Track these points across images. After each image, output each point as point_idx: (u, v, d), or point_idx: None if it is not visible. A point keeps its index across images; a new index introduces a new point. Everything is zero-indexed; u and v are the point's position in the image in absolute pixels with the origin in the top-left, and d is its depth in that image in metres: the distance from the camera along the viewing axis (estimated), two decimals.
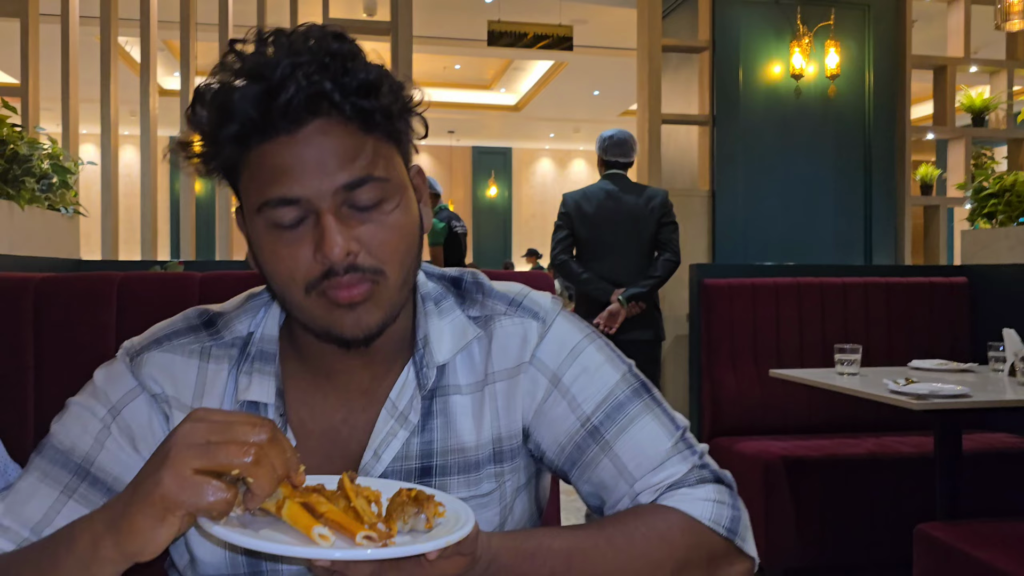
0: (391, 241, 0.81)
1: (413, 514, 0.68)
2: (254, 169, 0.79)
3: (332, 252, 0.76)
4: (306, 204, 0.78)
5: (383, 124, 0.81)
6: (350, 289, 0.79)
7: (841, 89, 5.07)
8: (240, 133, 0.77)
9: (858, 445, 3.22)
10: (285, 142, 0.77)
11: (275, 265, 0.80)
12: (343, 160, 0.78)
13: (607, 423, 0.90)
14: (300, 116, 0.76)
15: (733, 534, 0.88)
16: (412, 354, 0.90)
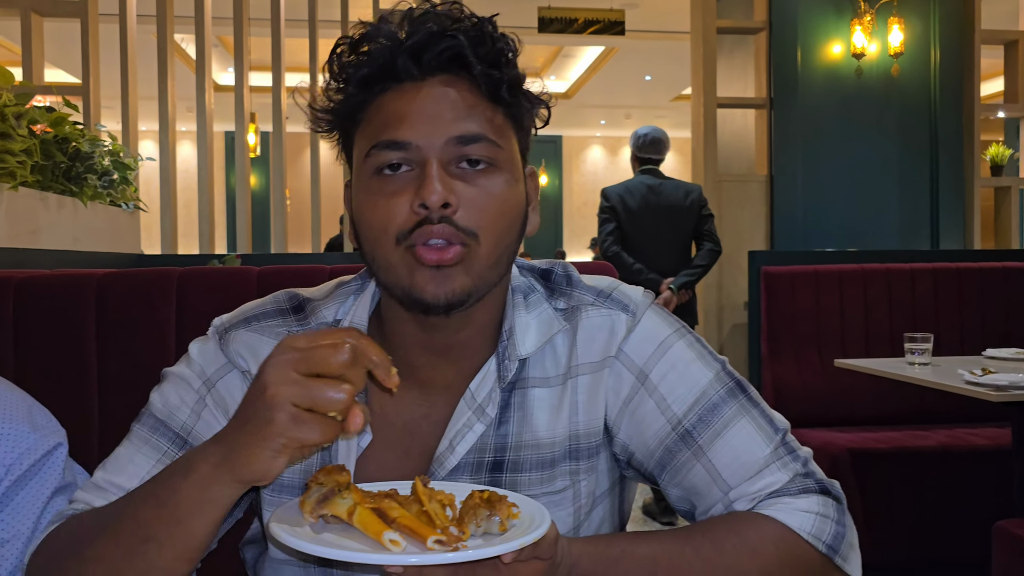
0: (492, 208, 0.80)
1: (486, 516, 0.66)
2: (372, 116, 0.81)
3: (431, 196, 0.76)
4: (414, 151, 0.78)
5: (507, 98, 0.81)
6: (440, 252, 0.77)
7: (905, 68, 4.88)
8: (369, 75, 0.80)
9: (928, 437, 3.10)
10: (408, 89, 0.79)
11: (371, 214, 0.80)
12: (460, 113, 0.79)
13: (700, 427, 0.85)
14: (429, 67, 0.79)
15: (833, 552, 0.81)
16: (496, 347, 0.88)
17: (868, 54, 4.83)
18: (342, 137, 0.87)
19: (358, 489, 0.68)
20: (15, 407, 0.83)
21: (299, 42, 5.57)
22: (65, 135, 2.22)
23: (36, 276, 1.14)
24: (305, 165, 10.58)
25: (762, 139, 4.94)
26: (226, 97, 7.67)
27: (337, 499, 0.67)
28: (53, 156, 2.17)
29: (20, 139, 1.91)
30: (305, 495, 0.69)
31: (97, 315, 1.12)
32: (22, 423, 0.82)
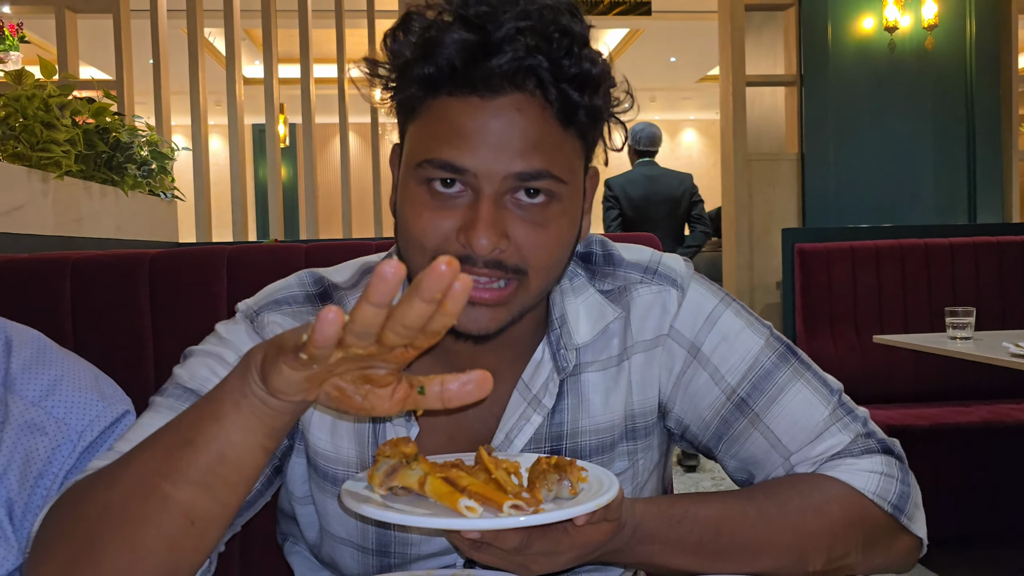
0: (546, 247, 0.74)
1: (556, 481, 0.67)
2: (432, 120, 0.74)
3: (478, 242, 0.70)
4: (470, 178, 0.72)
5: (583, 123, 0.74)
6: (482, 290, 0.73)
7: (939, 41, 4.79)
8: (433, 77, 0.72)
9: (970, 413, 3.06)
10: (475, 104, 0.71)
11: (412, 224, 0.75)
12: (528, 145, 0.71)
13: (755, 394, 0.84)
14: (501, 84, 0.71)
15: (899, 511, 0.81)
16: (545, 335, 0.85)
17: (901, 27, 4.74)
18: (397, 109, 0.80)
19: (426, 459, 0.69)
20: (82, 376, 0.85)
21: (326, 33, 5.60)
22: (106, 125, 2.25)
23: (92, 256, 1.17)
24: (332, 156, 10.63)
25: (792, 117, 4.87)
26: (252, 90, 7.73)
27: (406, 470, 0.68)
28: (95, 146, 2.20)
29: (64, 129, 1.95)
30: (373, 468, 0.69)
31: (151, 292, 1.14)
32: (91, 391, 0.84)
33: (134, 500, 0.62)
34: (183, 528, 0.62)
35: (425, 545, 0.85)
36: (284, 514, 0.97)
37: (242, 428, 0.61)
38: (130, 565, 0.62)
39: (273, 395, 0.59)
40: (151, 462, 0.64)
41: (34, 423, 0.80)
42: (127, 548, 0.62)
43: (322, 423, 0.85)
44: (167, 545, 0.62)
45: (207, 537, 0.64)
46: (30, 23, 5.41)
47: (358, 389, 0.58)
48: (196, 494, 0.62)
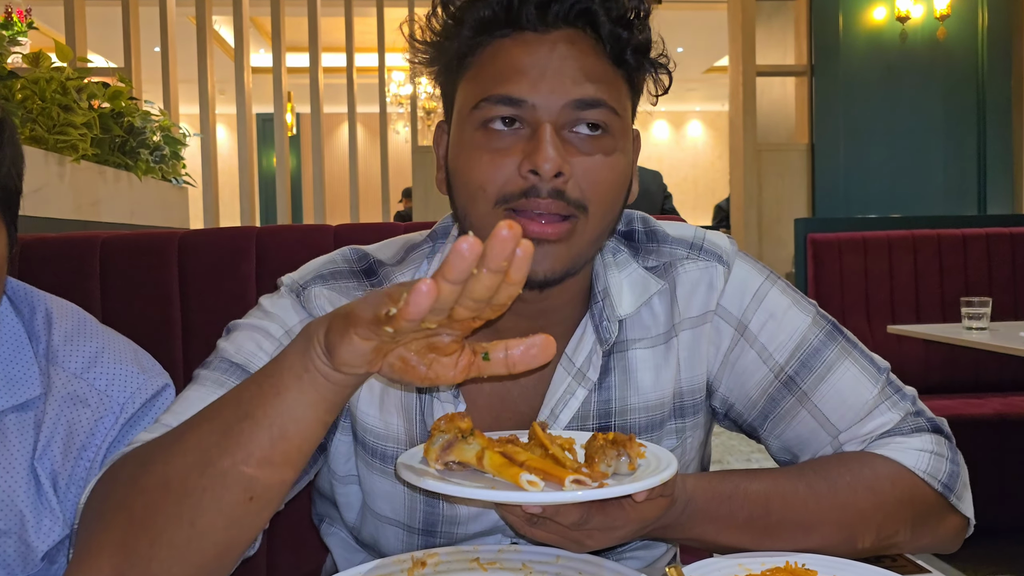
0: (604, 180, 0.75)
1: (615, 456, 0.66)
2: (485, 63, 0.76)
3: (543, 164, 0.71)
4: (529, 111, 0.73)
5: (632, 63, 0.76)
6: (545, 225, 0.73)
7: (951, 31, 4.76)
8: (489, 19, 0.74)
9: (983, 405, 3.05)
10: (529, 40, 0.74)
11: (472, 170, 0.75)
12: (583, 75, 0.74)
13: (803, 372, 0.83)
14: (555, 20, 0.74)
15: (949, 490, 0.81)
16: (589, 308, 0.85)
17: (912, 18, 4.72)
18: (442, 75, 0.81)
19: (482, 434, 0.68)
20: (123, 349, 0.85)
21: (334, 21, 5.58)
22: (121, 109, 2.25)
23: (121, 235, 1.17)
24: (337, 145, 10.61)
25: (802, 107, 4.86)
26: (259, 79, 7.71)
27: (462, 444, 0.67)
28: (111, 129, 2.20)
29: (81, 112, 1.94)
30: (428, 442, 0.69)
31: (180, 271, 1.13)
32: (131, 364, 0.83)
33: (193, 474, 0.62)
34: (242, 504, 0.62)
35: (473, 524, 0.84)
36: (322, 495, 0.97)
37: (304, 403, 0.60)
38: (188, 540, 0.62)
39: (337, 368, 0.58)
40: (210, 437, 0.62)
41: (77, 395, 0.80)
42: (186, 523, 0.61)
43: (370, 400, 0.84)
44: (226, 521, 0.62)
45: (263, 514, 0.64)
46: (37, 11, 5.39)
47: (423, 359, 0.57)
48: (257, 469, 0.61)
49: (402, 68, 7.93)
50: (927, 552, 0.82)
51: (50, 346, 0.81)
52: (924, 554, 0.82)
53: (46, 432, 0.77)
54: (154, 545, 0.62)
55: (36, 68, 1.92)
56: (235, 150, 5.03)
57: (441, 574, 0.72)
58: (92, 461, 0.79)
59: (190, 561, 0.62)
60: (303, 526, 1.07)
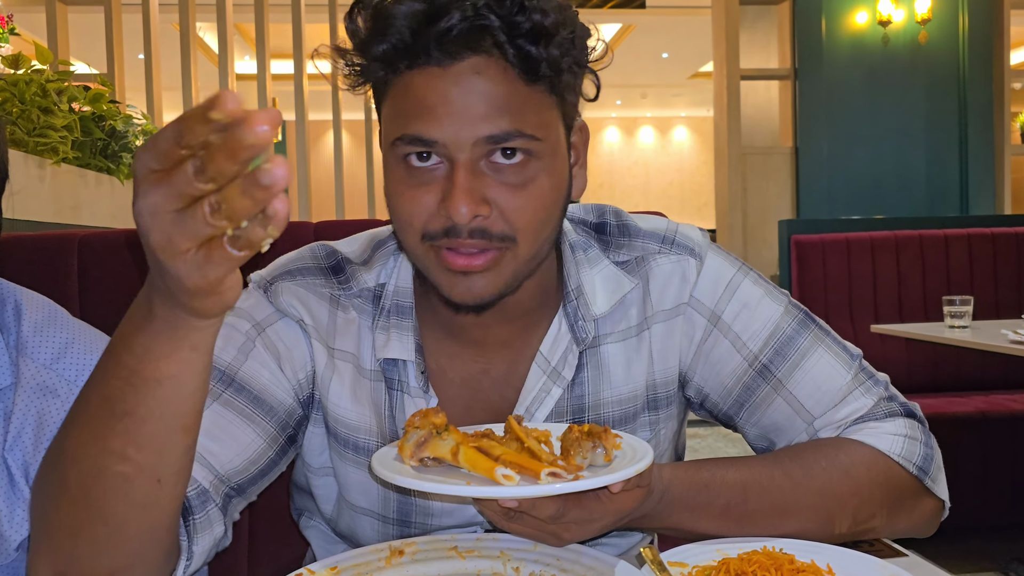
0: (529, 208, 0.73)
1: (590, 448, 0.66)
2: (397, 97, 0.74)
3: (457, 212, 0.70)
4: (442, 149, 0.71)
5: (548, 76, 0.73)
6: (469, 258, 0.72)
7: (933, 35, 4.82)
8: (390, 54, 0.72)
9: (966, 403, 3.07)
10: (435, 74, 0.71)
11: (397, 204, 0.75)
12: (493, 108, 0.70)
13: (777, 360, 0.84)
14: (457, 49, 0.70)
15: (924, 473, 0.81)
16: (561, 306, 0.84)
17: (894, 22, 4.77)
18: (373, 93, 0.79)
19: (457, 430, 0.68)
20: (93, 341, 0.85)
21: (319, 28, 5.58)
22: (102, 112, 2.24)
23: (99, 233, 1.16)
24: (323, 152, 10.60)
25: (786, 111, 4.90)
26: (243, 86, 7.69)
27: (437, 440, 0.67)
28: (92, 132, 2.19)
29: (62, 115, 1.93)
30: (403, 439, 0.69)
31: None
32: (101, 354, 0.83)
33: (90, 480, 0.59)
34: (152, 488, 0.60)
35: (446, 517, 0.84)
36: (299, 488, 0.96)
37: (193, 376, 0.55)
38: (107, 536, 0.61)
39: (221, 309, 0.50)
40: (94, 443, 0.58)
41: (46, 385, 0.79)
42: (99, 522, 0.60)
43: (341, 392, 0.84)
44: (139, 510, 0.60)
45: (177, 487, 0.62)
46: (19, 18, 5.38)
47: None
48: (155, 456, 0.58)
49: None
50: (904, 536, 0.83)
51: (20, 337, 0.81)
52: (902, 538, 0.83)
53: (16, 423, 0.77)
54: (77, 545, 0.62)
55: (16, 71, 1.91)
56: None
57: (419, 562, 0.72)
58: None
59: (115, 551, 0.62)
60: (284, 519, 1.06)
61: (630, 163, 13.68)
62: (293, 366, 0.83)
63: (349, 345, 0.85)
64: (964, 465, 2.90)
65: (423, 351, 0.84)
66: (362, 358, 0.84)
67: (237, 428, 0.77)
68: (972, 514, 2.94)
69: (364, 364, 0.84)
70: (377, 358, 0.83)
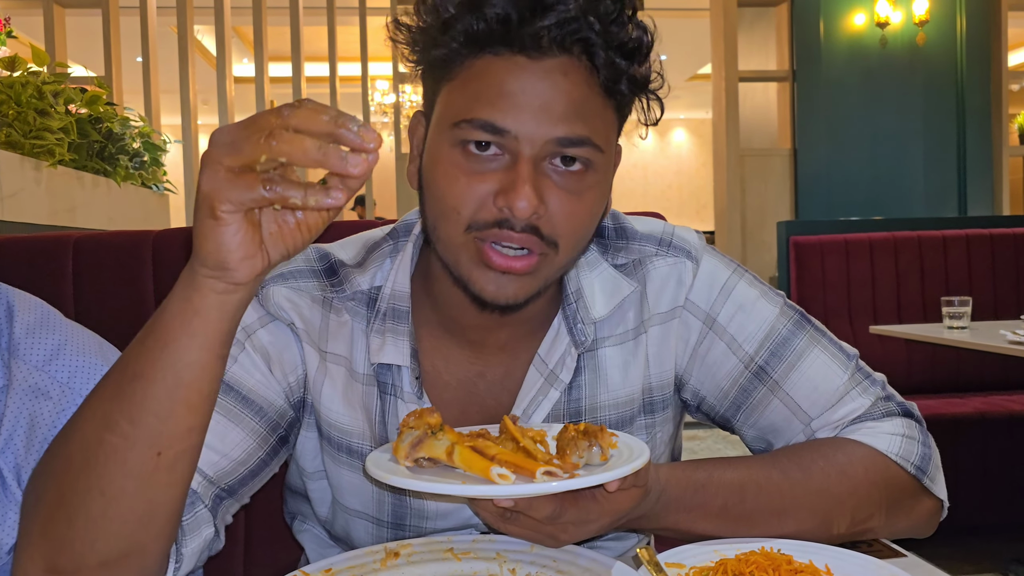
0: (579, 216, 0.73)
1: (586, 448, 0.65)
2: (472, 79, 0.71)
3: (518, 204, 0.68)
4: (511, 141, 0.70)
5: (626, 92, 0.73)
6: (511, 260, 0.71)
7: (930, 36, 4.82)
8: (482, 32, 0.70)
9: (964, 404, 3.07)
10: (521, 64, 0.70)
11: (446, 190, 0.72)
12: (571, 111, 0.70)
13: (773, 361, 0.84)
14: (551, 46, 0.69)
15: (922, 472, 0.81)
16: (561, 309, 0.84)
17: (892, 23, 4.77)
18: (425, 73, 0.78)
19: (452, 430, 0.68)
20: (86, 342, 0.84)
21: (317, 30, 5.58)
22: (99, 115, 2.23)
23: (94, 235, 1.16)
24: None
25: (785, 112, 4.90)
26: (242, 89, 7.69)
27: (432, 440, 0.66)
28: (88, 135, 2.18)
29: (58, 117, 1.92)
30: (398, 440, 0.68)
31: (155, 271, 1.12)
32: (94, 356, 0.82)
33: (93, 443, 0.61)
34: (151, 461, 0.61)
35: (441, 519, 0.84)
36: (293, 492, 0.96)
37: (198, 348, 0.59)
38: (103, 510, 0.61)
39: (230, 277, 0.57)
40: (103, 404, 0.61)
41: (38, 387, 0.79)
42: (96, 492, 0.61)
43: (333, 395, 0.84)
44: (137, 482, 0.61)
45: (177, 468, 0.62)
46: (17, 21, 5.37)
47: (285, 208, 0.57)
48: (158, 425, 0.60)
49: (386, 77, 7.92)
50: (903, 536, 0.82)
51: (11, 339, 0.80)
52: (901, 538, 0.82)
53: (8, 425, 0.76)
54: (72, 524, 0.61)
55: (12, 73, 1.91)
56: None
57: (415, 564, 0.71)
58: None
59: (111, 531, 0.61)
60: (279, 523, 1.06)
61: (629, 165, 13.67)
62: (283, 369, 0.83)
63: (341, 348, 0.84)
64: (963, 466, 2.90)
65: (418, 353, 0.83)
66: (354, 361, 0.84)
67: (226, 428, 0.76)
68: (971, 515, 2.93)
69: (356, 368, 0.84)
70: (371, 362, 0.82)
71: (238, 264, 0.56)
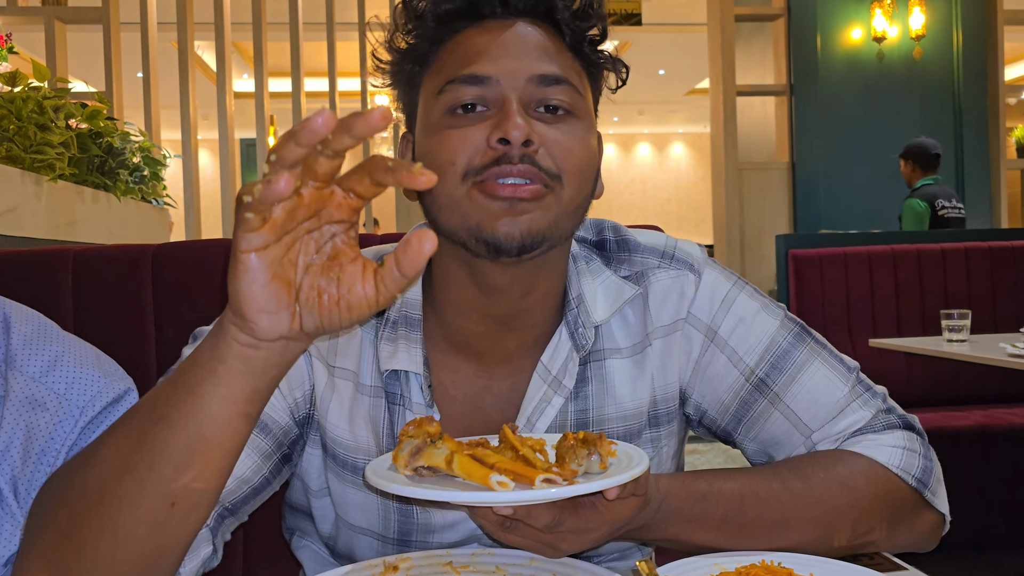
0: (576, 150, 0.76)
1: (585, 455, 0.65)
2: (448, 53, 0.78)
3: (512, 131, 0.71)
4: (494, 87, 0.74)
5: (588, 52, 0.79)
6: (516, 187, 0.72)
7: (927, 50, 4.85)
8: (452, 10, 0.77)
9: (965, 417, 3.06)
10: (490, 27, 0.77)
11: (439, 148, 0.74)
12: (545, 54, 0.76)
13: (774, 374, 0.84)
14: (515, 11, 0.77)
15: (923, 485, 0.81)
16: (563, 316, 0.84)
17: (889, 38, 4.80)
18: (405, 85, 0.82)
19: (451, 438, 0.68)
20: (84, 353, 0.83)
21: (316, 46, 5.60)
22: (99, 129, 2.24)
23: (93, 249, 1.16)
24: None
25: (783, 126, 4.92)
26: (241, 104, 7.72)
27: (431, 449, 0.66)
28: (88, 149, 2.19)
29: (59, 131, 1.93)
30: (397, 449, 0.68)
31: (154, 285, 1.12)
32: (92, 368, 0.82)
33: (110, 483, 0.59)
34: (164, 511, 0.59)
35: (447, 533, 0.83)
36: (295, 509, 0.95)
37: (220, 399, 0.56)
38: (112, 550, 0.60)
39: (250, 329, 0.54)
40: (126, 444, 0.60)
41: (35, 399, 0.78)
42: (108, 533, 0.59)
43: (340, 412, 0.83)
44: (148, 528, 0.59)
45: (190, 519, 0.61)
46: (18, 37, 5.40)
47: (329, 278, 0.54)
48: (174, 474, 0.58)
49: (385, 92, 7.97)
50: (904, 550, 0.82)
51: (8, 350, 0.80)
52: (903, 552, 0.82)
53: (4, 437, 0.76)
54: (80, 558, 0.60)
55: (13, 88, 1.92)
56: (218, 175, 5.02)
57: None
58: (52, 466, 0.77)
59: (118, 571, 0.60)
60: (278, 539, 1.05)
61: (628, 179, 13.72)
62: (290, 384, 0.83)
63: (349, 362, 0.84)
64: (964, 480, 2.89)
65: (428, 365, 0.83)
66: (362, 374, 0.84)
67: None
68: (973, 529, 2.92)
69: (364, 380, 0.83)
70: (382, 370, 0.82)
71: (255, 316, 0.53)
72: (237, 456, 0.61)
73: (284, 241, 0.53)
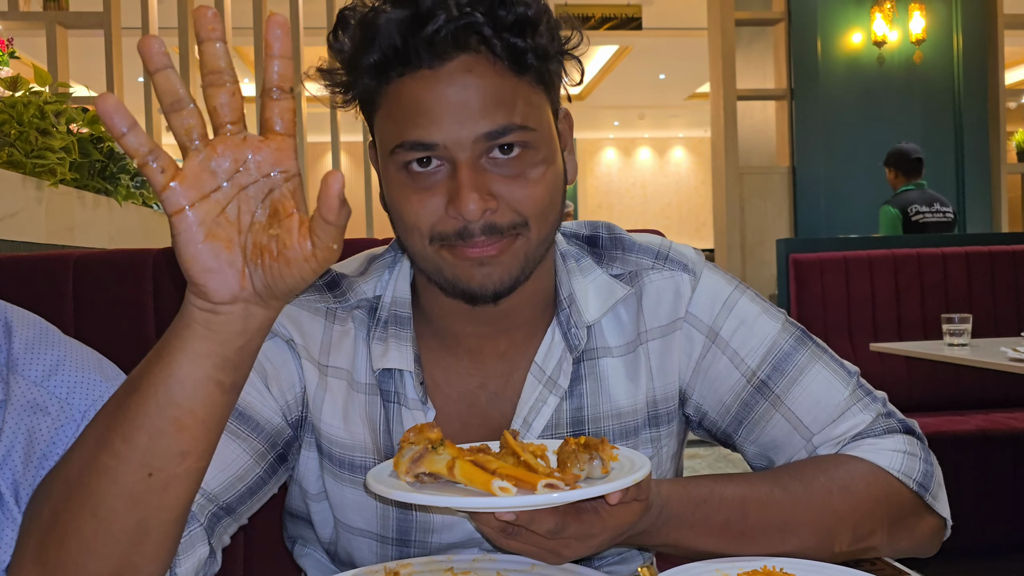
0: (535, 195, 0.75)
1: (587, 460, 0.65)
2: (391, 105, 0.75)
3: (466, 209, 0.71)
4: (443, 151, 0.73)
5: (536, 66, 0.75)
6: (483, 247, 0.74)
7: (927, 54, 4.86)
8: (380, 62, 0.73)
9: (966, 422, 3.06)
10: (426, 77, 0.73)
11: (403, 209, 0.76)
12: (487, 105, 0.72)
13: (775, 376, 0.84)
14: (446, 50, 0.72)
15: (924, 489, 0.81)
16: (555, 315, 0.85)
17: (889, 42, 4.81)
18: (360, 106, 0.81)
19: (452, 444, 0.68)
20: (85, 358, 0.83)
21: (317, 50, 5.63)
22: (100, 134, 2.24)
23: (94, 253, 1.16)
24: (321, 174, 10.63)
25: (783, 130, 4.92)
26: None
27: (432, 455, 0.66)
28: (90, 154, 2.19)
29: (60, 136, 1.93)
30: (398, 455, 0.68)
31: (155, 290, 1.13)
32: (93, 372, 0.82)
33: (88, 460, 0.60)
34: (141, 482, 0.59)
35: (447, 533, 0.83)
36: (295, 516, 0.95)
37: (188, 362, 0.58)
38: (94, 532, 0.60)
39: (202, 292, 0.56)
40: (103, 420, 0.61)
41: (36, 403, 0.78)
42: (88, 513, 0.60)
43: (334, 411, 0.84)
44: (127, 502, 0.60)
45: (170, 492, 0.61)
46: (20, 43, 5.41)
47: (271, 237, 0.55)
48: (148, 441, 0.59)
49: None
50: (906, 555, 0.82)
51: (10, 355, 0.80)
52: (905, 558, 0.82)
53: (6, 441, 0.76)
54: (63, 547, 0.61)
55: (14, 93, 1.92)
56: None
57: None
58: None
59: (102, 552, 0.61)
60: (279, 547, 1.05)
61: (628, 184, 13.73)
62: (280, 386, 0.83)
63: (342, 361, 0.84)
64: (966, 485, 2.88)
65: (422, 362, 0.84)
66: (356, 372, 0.84)
67: (222, 443, 0.76)
68: (974, 534, 2.91)
69: (358, 378, 0.84)
70: (374, 368, 0.83)
71: (200, 276, 0.55)
72: (215, 429, 0.61)
73: (214, 199, 0.55)
